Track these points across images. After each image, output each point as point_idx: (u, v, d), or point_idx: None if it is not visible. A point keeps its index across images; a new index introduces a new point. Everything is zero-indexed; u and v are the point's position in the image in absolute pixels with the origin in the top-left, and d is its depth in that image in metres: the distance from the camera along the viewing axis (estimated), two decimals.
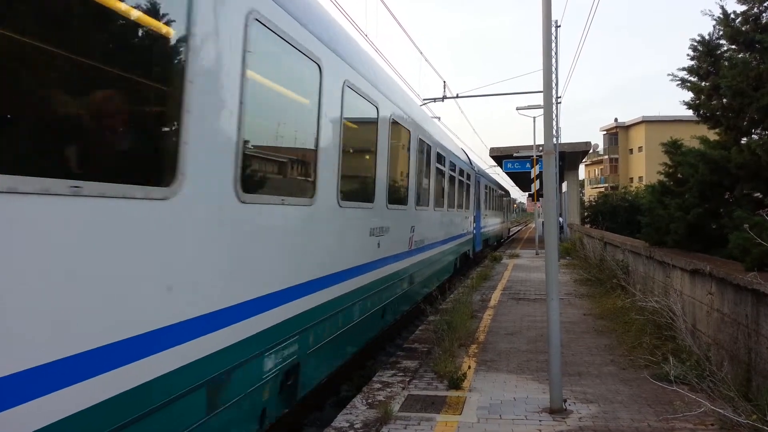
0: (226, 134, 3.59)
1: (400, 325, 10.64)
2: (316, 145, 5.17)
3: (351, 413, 5.38)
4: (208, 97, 3.40)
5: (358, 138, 6.78)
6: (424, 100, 24.22)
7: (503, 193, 39.02)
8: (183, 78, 3.14)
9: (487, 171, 35.91)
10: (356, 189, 6.57)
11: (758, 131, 8.37)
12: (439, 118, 24.00)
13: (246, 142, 3.81)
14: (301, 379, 4.94)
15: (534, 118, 25.32)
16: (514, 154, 26.92)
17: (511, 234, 51.61)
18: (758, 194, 8.07)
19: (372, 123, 7.06)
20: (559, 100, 24.74)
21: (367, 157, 7.09)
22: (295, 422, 6.14)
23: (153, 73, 3.12)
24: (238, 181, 3.67)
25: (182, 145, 3.12)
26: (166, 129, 3.19)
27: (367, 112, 6.86)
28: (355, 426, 5.06)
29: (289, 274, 4.57)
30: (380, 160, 7.35)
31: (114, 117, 2.85)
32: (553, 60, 19.85)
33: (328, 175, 5.40)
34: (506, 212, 43.75)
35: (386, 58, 23.15)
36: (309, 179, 5.08)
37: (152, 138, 3.17)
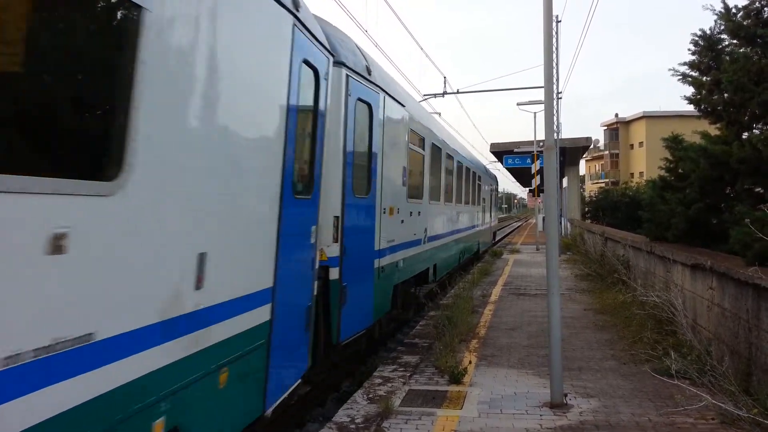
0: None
1: (401, 321, 10.64)
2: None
3: (352, 408, 5.39)
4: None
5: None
6: (425, 95, 24.20)
7: (483, 175, 22.05)
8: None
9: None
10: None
11: (759, 126, 8.36)
12: (439, 114, 23.97)
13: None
14: None
15: (534, 113, 25.27)
16: (515, 150, 26.88)
17: (497, 240, 34.95)
18: (759, 189, 8.07)
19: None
20: (559, 96, 24.69)
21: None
22: (297, 417, 6.15)
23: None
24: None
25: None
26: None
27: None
28: (356, 421, 5.07)
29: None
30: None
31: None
32: (554, 55, 19.78)
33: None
34: (489, 207, 25.21)
35: (386, 54, 23.08)
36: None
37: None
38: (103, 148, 2.49)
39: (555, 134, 19.45)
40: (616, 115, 67.62)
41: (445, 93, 24.44)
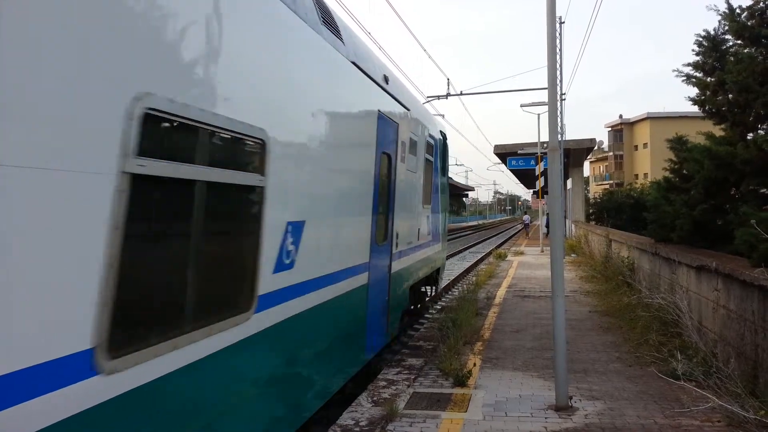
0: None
1: (405, 323, 10.63)
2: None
3: (356, 411, 5.39)
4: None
5: None
6: (428, 97, 24.20)
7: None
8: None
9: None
10: None
11: (764, 126, 8.33)
12: (443, 116, 23.97)
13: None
14: None
15: (538, 115, 25.22)
16: (519, 152, 26.86)
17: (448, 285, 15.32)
18: (764, 190, 8.03)
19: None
20: (563, 97, 24.65)
21: None
22: None
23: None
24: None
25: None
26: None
27: None
28: (361, 424, 5.06)
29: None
30: None
31: None
32: (558, 56, 19.74)
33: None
34: (387, 207, 6.85)
35: (389, 55, 23.13)
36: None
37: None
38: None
39: (559, 135, 18.94)
40: (620, 116, 67.40)
41: (448, 94, 24.45)
